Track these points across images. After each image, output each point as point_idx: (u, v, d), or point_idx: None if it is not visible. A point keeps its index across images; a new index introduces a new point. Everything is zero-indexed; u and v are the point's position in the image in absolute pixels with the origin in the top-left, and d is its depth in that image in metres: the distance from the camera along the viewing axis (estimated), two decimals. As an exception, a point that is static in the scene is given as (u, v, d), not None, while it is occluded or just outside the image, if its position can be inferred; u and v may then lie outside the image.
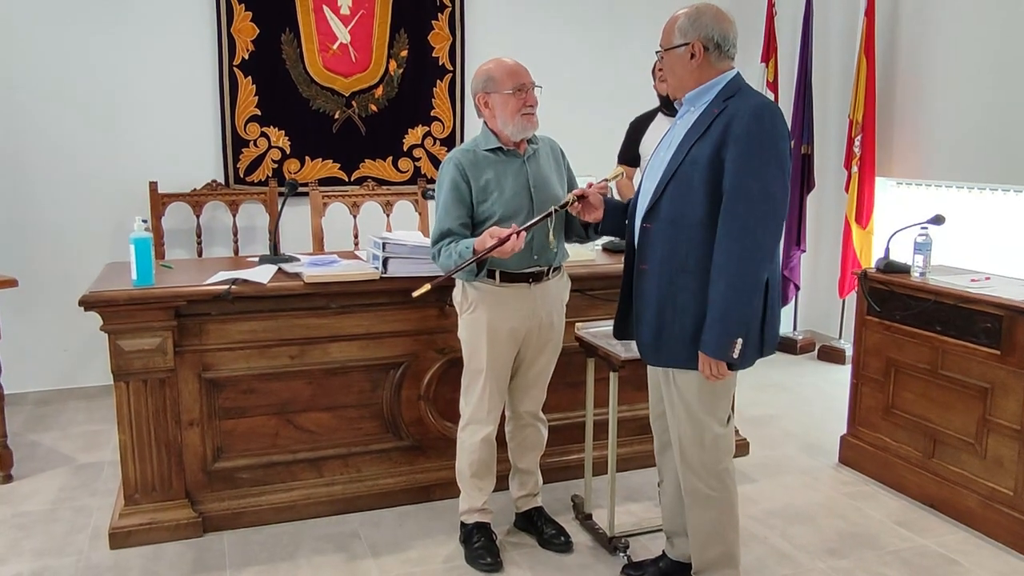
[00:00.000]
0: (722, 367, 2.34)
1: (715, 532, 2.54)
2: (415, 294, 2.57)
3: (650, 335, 2.45)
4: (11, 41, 4.32)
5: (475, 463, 2.93)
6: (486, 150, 2.81)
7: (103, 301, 2.89)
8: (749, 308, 2.32)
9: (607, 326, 3.04)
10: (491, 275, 2.79)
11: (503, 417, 3.04)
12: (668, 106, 3.58)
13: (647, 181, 2.51)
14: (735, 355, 2.30)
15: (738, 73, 2.44)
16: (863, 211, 5.14)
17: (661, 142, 2.55)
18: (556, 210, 2.67)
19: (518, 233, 2.56)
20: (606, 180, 2.77)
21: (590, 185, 2.73)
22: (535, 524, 3.11)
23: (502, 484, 3.15)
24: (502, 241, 2.54)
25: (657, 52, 2.51)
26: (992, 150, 4.47)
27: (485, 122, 2.85)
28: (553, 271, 2.90)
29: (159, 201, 4.47)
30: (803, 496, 3.49)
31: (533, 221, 2.66)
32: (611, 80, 5.26)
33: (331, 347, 3.20)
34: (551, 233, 2.73)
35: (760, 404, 4.56)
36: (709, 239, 2.32)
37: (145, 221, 3.06)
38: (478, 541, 2.97)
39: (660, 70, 2.55)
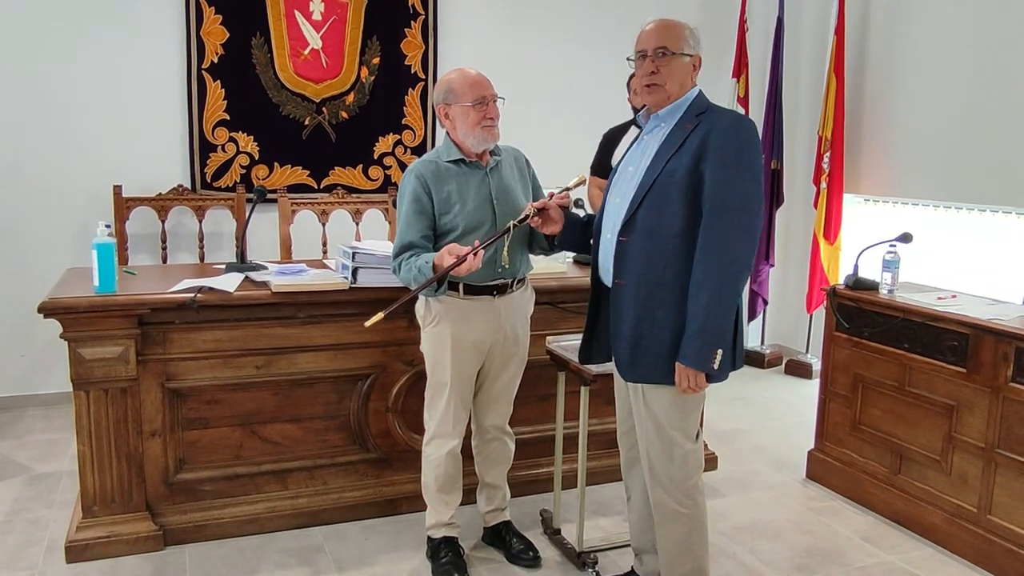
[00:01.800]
0: (701, 379, 2.34)
1: (685, 548, 2.53)
2: (368, 324, 2.51)
3: (627, 351, 2.43)
4: (-28, 39, 4.23)
5: (441, 477, 2.90)
6: (448, 161, 2.78)
7: (63, 308, 2.81)
8: (728, 319, 2.35)
9: (578, 339, 3.03)
10: (454, 288, 2.76)
11: (469, 431, 3.01)
12: None
13: (615, 196, 2.50)
14: (715, 366, 2.32)
15: (701, 91, 2.49)
16: (831, 227, 5.18)
17: (628, 157, 2.55)
18: (515, 225, 2.65)
19: (475, 253, 2.53)
20: (567, 189, 2.75)
21: (551, 196, 2.71)
22: (503, 539, 3.08)
23: (470, 498, 3.12)
24: (461, 260, 2.51)
25: (661, 51, 2.39)
26: (959, 169, 4.53)
27: (447, 133, 2.83)
28: (517, 283, 2.87)
29: (123, 205, 4.38)
30: (771, 511, 3.50)
31: (491, 239, 2.64)
32: (584, 90, 5.25)
33: (298, 357, 3.15)
34: (506, 249, 2.70)
35: (728, 418, 4.58)
36: (687, 252, 2.33)
37: (108, 226, 2.99)
38: (445, 556, 2.93)
39: (653, 71, 2.42)
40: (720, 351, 2.32)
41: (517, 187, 2.88)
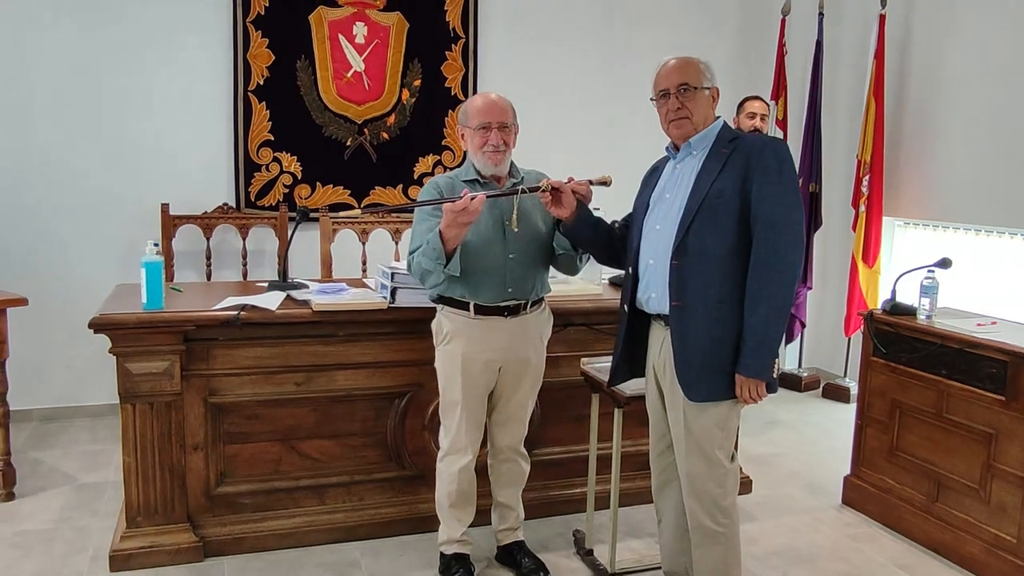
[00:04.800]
0: (762, 388, 2.42)
1: (721, 570, 2.55)
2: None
3: (694, 371, 2.46)
4: (27, 62, 4.39)
5: (453, 493, 2.93)
6: (464, 180, 2.85)
7: (112, 324, 2.91)
8: (783, 330, 2.45)
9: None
10: (466, 307, 2.81)
11: (485, 451, 3.05)
12: None
13: (656, 223, 2.56)
14: (774, 375, 2.42)
15: (725, 121, 2.61)
16: (870, 250, 5.15)
17: (662, 186, 2.61)
18: (524, 190, 2.70)
19: (473, 197, 2.56)
20: (589, 181, 2.75)
21: (570, 180, 2.72)
22: (514, 558, 3.09)
23: (487, 518, 3.16)
24: (463, 207, 2.54)
25: (683, 87, 2.50)
26: (999, 193, 4.48)
27: (469, 153, 2.90)
28: (532, 305, 2.90)
29: (170, 223, 4.50)
30: (805, 536, 3.48)
31: (496, 192, 2.70)
32: (627, 113, 5.28)
33: (337, 375, 3.21)
34: (515, 215, 2.70)
35: (763, 442, 4.55)
36: (740, 268, 2.41)
37: (157, 244, 3.08)
38: (456, 572, 2.96)
39: (679, 107, 2.52)
40: (777, 361, 2.44)
41: (535, 210, 2.88)
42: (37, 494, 3.64)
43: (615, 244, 2.80)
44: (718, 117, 2.58)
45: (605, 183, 2.80)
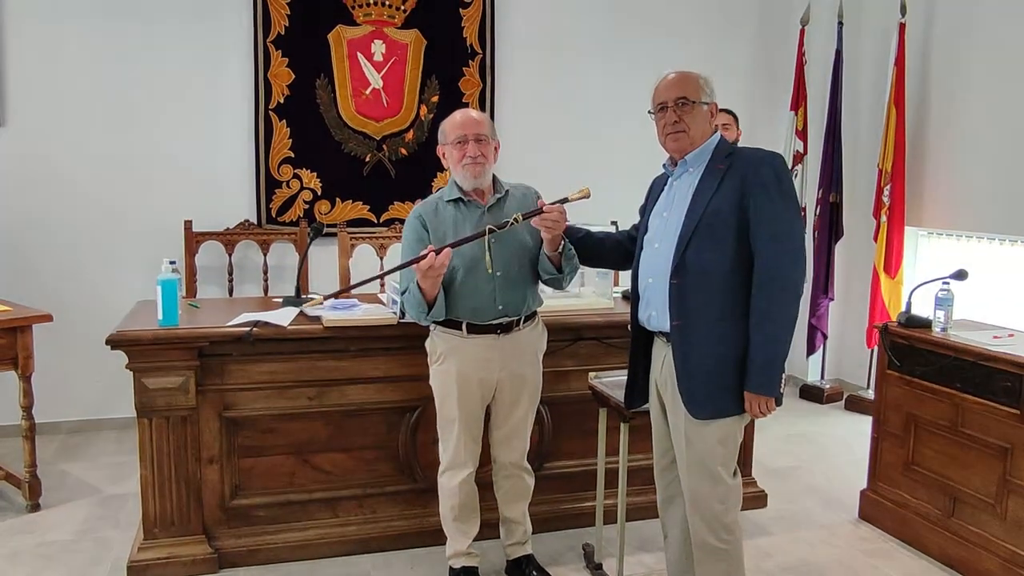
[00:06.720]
0: (771, 403, 2.43)
1: (724, 587, 2.54)
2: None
3: (697, 388, 2.47)
4: (52, 82, 4.51)
5: (456, 507, 2.96)
6: (448, 201, 2.87)
7: (129, 340, 2.98)
8: (789, 344, 2.45)
9: (622, 376, 3.06)
10: (458, 327, 2.84)
11: (491, 468, 3.07)
12: None
13: (655, 242, 2.57)
14: (782, 390, 2.44)
15: (722, 135, 2.60)
16: (892, 261, 5.10)
17: (659, 204, 2.61)
18: (492, 229, 2.71)
19: (438, 252, 2.61)
20: (565, 199, 2.73)
21: (542, 205, 2.71)
22: (523, 571, 3.10)
23: (497, 531, 3.18)
24: (424, 260, 2.61)
25: (681, 101, 2.48)
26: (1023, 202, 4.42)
27: (450, 172, 2.93)
28: (525, 321, 2.92)
29: (193, 239, 4.59)
30: (819, 552, 3.44)
31: (464, 238, 2.72)
32: (642, 128, 5.28)
33: (349, 389, 3.26)
34: (489, 256, 2.74)
35: (783, 455, 4.51)
36: (740, 285, 2.42)
37: (173, 262, 3.15)
38: None
39: (676, 120, 2.51)
40: (784, 376, 2.44)
41: (520, 224, 2.89)
42: (61, 505, 3.73)
43: (617, 251, 2.88)
44: (716, 131, 2.57)
45: (584, 197, 2.75)
